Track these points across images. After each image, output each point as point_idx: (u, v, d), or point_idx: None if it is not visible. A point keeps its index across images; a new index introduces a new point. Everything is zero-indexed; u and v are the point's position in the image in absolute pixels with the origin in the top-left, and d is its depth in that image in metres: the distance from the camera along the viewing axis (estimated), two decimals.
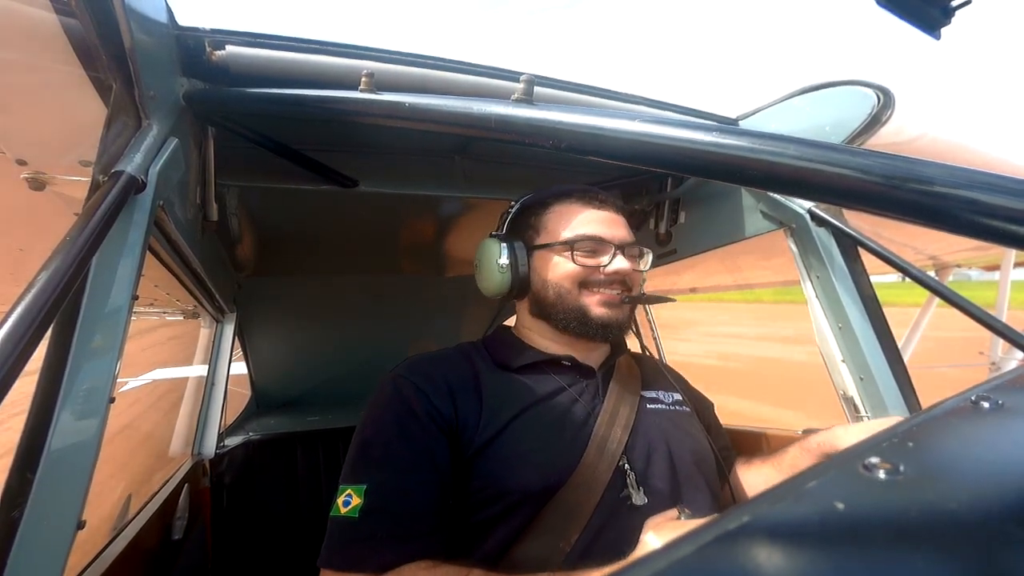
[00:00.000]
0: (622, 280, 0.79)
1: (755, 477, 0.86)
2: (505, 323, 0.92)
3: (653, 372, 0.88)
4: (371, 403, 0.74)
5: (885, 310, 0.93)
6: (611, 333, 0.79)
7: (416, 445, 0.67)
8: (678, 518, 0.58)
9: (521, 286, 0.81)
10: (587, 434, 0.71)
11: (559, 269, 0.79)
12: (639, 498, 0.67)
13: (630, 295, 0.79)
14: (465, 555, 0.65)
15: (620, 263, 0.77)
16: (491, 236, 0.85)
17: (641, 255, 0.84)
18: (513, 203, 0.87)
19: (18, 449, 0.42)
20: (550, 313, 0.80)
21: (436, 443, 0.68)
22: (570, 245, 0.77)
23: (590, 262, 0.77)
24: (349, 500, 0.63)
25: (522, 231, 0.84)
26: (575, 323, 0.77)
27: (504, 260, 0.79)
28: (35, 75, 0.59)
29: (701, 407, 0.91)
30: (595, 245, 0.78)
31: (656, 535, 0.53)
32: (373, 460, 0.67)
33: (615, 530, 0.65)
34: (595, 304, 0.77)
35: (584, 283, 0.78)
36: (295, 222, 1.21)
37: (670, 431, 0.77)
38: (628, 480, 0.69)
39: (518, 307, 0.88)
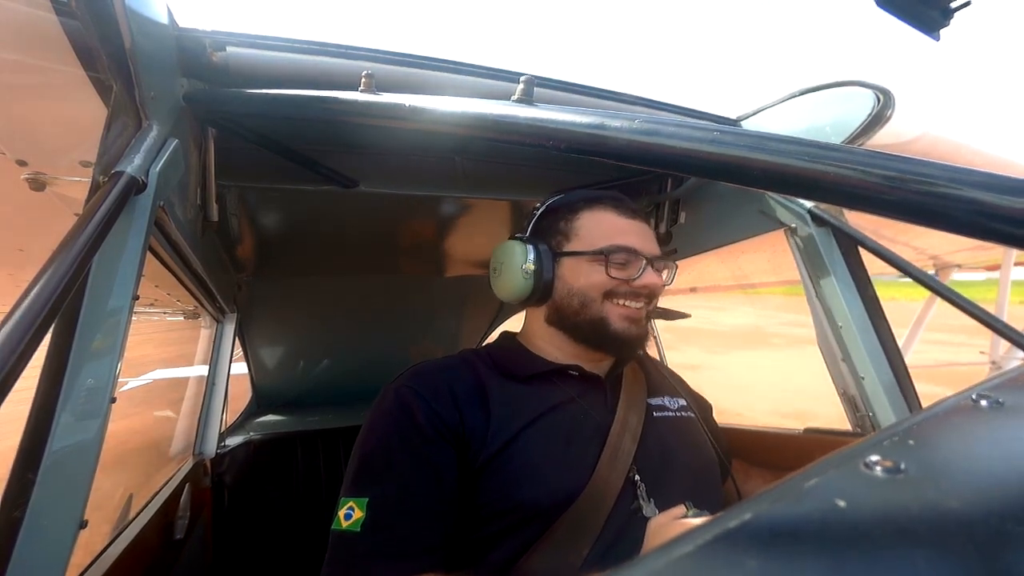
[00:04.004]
0: (648, 294, 0.77)
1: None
2: (507, 329, 0.90)
3: (657, 377, 0.87)
4: (373, 413, 0.71)
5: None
6: (626, 351, 0.77)
7: (420, 458, 0.65)
8: (685, 515, 0.57)
9: (543, 292, 0.77)
10: (598, 446, 0.69)
11: (589, 278, 0.75)
12: (650, 509, 0.66)
13: (653, 309, 0.79)
14: (469, 569, 0.64)
15: (650, 277, 0.75)
16: (514, 238, 0.81)
17: (666, 268, 0.81)
18: (538, 205, 0.83)
19: (19, 449, 0.43)
20: (570, 322, 0.77)
21: (441, 455, 0.66)
22: (604, 255, 0.74)
23: (621, 274, 0.75)
24: (351, 513, 0.61)
25: (548, 235, 0.80)
26: (593, 334, 0.75)
27: (530, 264, 0.76)
28: (35, 76, 0.59)
29: (702, 410, 0.91)
30: (628, 256, 0.75)
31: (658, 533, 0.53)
32: (376, 473, 0.65)
33: (626, 543, 0.63)
34: (617, 318, 0.75)
35: (609, 293, 0.75)
36: (295, 222, 1.21)
37: (678, 439, 0.77)
38: (639, 491, 0.67)
39: (530, 313, 0.84)
